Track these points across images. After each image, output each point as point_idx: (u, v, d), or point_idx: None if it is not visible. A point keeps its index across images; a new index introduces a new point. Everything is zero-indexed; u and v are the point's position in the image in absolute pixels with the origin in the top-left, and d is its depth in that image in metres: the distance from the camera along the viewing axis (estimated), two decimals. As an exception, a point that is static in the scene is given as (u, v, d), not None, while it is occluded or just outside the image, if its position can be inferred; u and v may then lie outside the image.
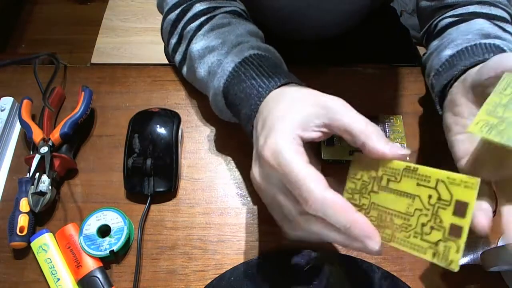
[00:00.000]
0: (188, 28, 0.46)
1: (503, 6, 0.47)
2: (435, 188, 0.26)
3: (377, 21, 0.72)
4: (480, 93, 0.35)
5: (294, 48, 0.68)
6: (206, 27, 0.45)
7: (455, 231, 0.25)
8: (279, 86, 0.36)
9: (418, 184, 0.27)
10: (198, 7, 0.46)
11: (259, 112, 0.36)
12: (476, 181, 0.25)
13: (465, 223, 0.25)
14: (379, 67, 0.57)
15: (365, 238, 0.27)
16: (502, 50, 0.40)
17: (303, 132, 0.31)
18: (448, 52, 0.43)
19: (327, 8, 0.59)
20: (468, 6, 0.47)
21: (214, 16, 0.46)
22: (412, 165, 0.28)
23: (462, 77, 0.38)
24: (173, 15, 0.48)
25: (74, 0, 1.70)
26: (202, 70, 0.44)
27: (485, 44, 0.40)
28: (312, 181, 0.28)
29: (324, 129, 0.31)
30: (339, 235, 0.29)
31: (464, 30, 0.45)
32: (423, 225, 0.27)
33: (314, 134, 0.31)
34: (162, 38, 0.54)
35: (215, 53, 0.43)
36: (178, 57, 0.49)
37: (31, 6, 1.73)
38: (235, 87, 0.39)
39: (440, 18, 0.50)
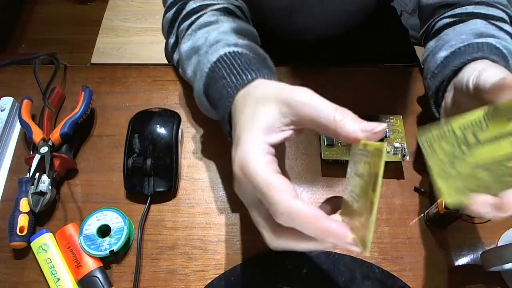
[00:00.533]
0: (182, 27, 0.46)
1: (501, 7, 0.47)
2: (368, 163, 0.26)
3: (377, 21, 0.72)
4: (474, 97, 0.35)
5: (294, 48, 0.68)
6: (193, 26, 0.45)
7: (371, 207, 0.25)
8: (246, 84, 0.35)
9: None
10: (191, 5, 0.46)
11: (232, 114, 0.35)
12: (381, 146, 0.25)
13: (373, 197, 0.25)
14: (379, 67, 0.57)
15: (344, 243, 0.26)
16: (495, 48, 0.40)
17: (270, 137, 0.29)
18: (442, 53, 0.44)
19: (327, 8, 0.59)
20: (467, 6, 0.47)
21: (204, 14, 0.45)
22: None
23: (454, 79, 0.38)
24: (170, 14, 0.48)
25: (74, 0, 1.70)
26: (189, 70, 0.44)
27: (477, 43, 0.41)
28: (278, 192, 0.26)
29: (293, 126, 0.30)
30: (317, 244, 0.28)
31: (459, 31, 0.45)
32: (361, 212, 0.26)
33: (283, 134, 0.30)
34: (165, 37, 0.54)
35: (198, 54, 0.43)
36: (176, 57, 0.49)
37: (31, 6, 1.73)
38: (211, 88, 0.39)
39: (439, 18, 0.50)
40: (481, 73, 0.32)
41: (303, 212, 0.25)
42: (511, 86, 0.28)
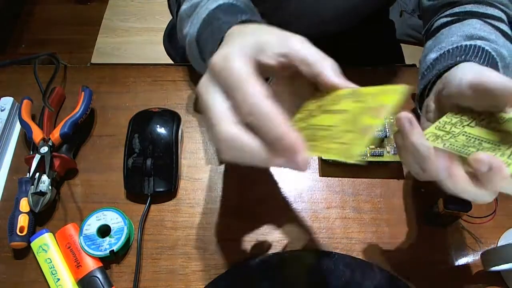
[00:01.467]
0: None
1: (501, 6, 0.47)
2: (364, 101, 0.28)
3: (373, 32, 0.72)
4: (448, 100, 0.35)
5: None
6: None
7: (366, 130, 0.25)
8: (242, 22, 0.36)
9: (354, 101, 0.28)
10: None
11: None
12: (402, 88, 0.27)
13: (377, 122, 0.26)
14: (378, 67, 0.57)
15: (292, 152, 0.25)
16: (481, 51, 0.40)
17: (260, 54, 0.29)
18: (432, 55, 0.44)
19: (323, 2, 0.59)
20: (466, 5, 0.48)
21: None
22: (357, 88, 0.29)
23: (438, 82, 0.38)
24: None
25: (74, 0, 1.70)
26: (187, 27, 0.44)
27: (466, 45, 0.41)
28: (254, 86, 0.26)
29: (282, 59, 0.30)
30: (264, 149, 0.27)
31: (453, 32, 0.45)
32: (343, 132, 0.27)
33: (271, 60, 0.30)
34: (172, 12, 0.54)
35: (197, 8, 0.43)
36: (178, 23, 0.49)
37: (31, 6, 1.73)
38: (203, 30, 0.40)
39: (438, 17, 0.50)
40: (482, 74, 0.33)
41: (272, 111, 0.26)
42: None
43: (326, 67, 0.30)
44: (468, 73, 0.33)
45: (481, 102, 0.32)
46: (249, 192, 0.48)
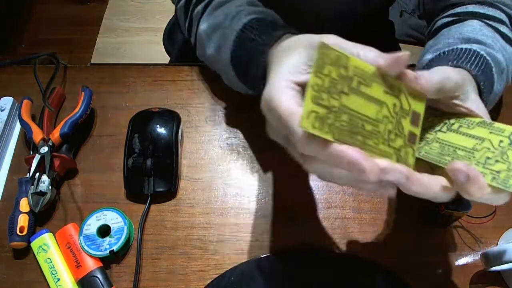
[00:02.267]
0: (195, 11, 0.48)
1: (503, 7, 0.47)
2: (399, 98, 0.28)
3: (372, 34, 0.72)
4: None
5: None
6: (209, 8, 0.46)
7: (412, 138, 0.28)
8: (276, 41, 0.37)
9: (385, 92, 0.28)
10: None
11: (267, 71, 0.36)
12: (425, 95, 0.29)
13: (418, 132, 0.29)
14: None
15: (360, 171, 0.25)
16: (476, 55, 0.40)
17: (295, 75, 0.30)
18: (428, 56, 0.44)
19: (322, 7, 0.59)
20: (467, 6, 0.48)
21: None
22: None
23: None
24: (182, 2, 0.49)
25: (74, 0, 1.70)
26: (211, 48, 0.45)
27: (461, 49, 0.40)
28: (295, 120, 0.27)
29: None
30: (343, 172, 0.27)
31: (452, 33, 0.45)
32: (389, 132, 0.28)
33: (307, 75, 0.30)
34: (180, 25, 0.54)
35: (221, 29, 0.44)
36: (192, 39, 0.50)
37: (31, 6, 1.73)
38: (239, 53, 0.41)
39: (440, 17, 0.50)
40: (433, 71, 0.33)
41: (318, 140, 0.26)
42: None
43: (364, 54, 0.29)
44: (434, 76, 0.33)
45: (444, 101, 0.32)
46: (248, 192, 0.48)
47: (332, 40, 0.30)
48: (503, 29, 0.45)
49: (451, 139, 0.31)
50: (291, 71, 0.30)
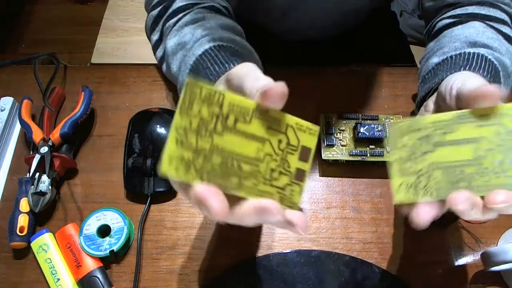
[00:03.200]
0: (167, 24, 0.46)
1: (504, 7, 0.47)
2: (285, 133, 0.26)
3: (374, 24, 0.72)
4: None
5: (294, 48, 0.68)
6: (179, 23, 0.45)
7: (299, 175, 0.26)
8: (226, 71, 0.35)
9: (268, 128, 0.25)
10: (178, 3, 0.47)
11: None
12: (317, 128, 0.27)
13: (307, 167, 0.27)
14: (378, 67, 0.57)
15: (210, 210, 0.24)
16: (485, 60, 0.40)
17: None
18: (435, 59, 0.43)
19: (323, 7, 0.59)
20: (467, 7, 0.47)
21: (191, 11, 0.46)
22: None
23: (438, 90, 0.38)
24: (155, 12, 0.48)
25: (74, 0, 1.70)
26: (174, 66, 0.44)
27: (469, 53, 0.40)
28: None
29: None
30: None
31: (456, 35, 0.44)
32: (272, 170, 0.26)
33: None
34: (146, 35, 0.53)
35: (184, 49, 0.43)
36: (159, 53, 0.49)
37: (31, 6, 1.72)
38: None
39: (440, 18, 0.50)
40: (464, 82, 0.32)
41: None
42: (485, 94, 0.27)
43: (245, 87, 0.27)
44: (456, 81, 0.33)
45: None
46: (249, 192, 0.48)
47: (242, 69, 0.29)
48: (505, 29, 0.45)
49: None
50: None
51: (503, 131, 0.26)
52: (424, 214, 0.28)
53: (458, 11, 0.48)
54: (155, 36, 0.49)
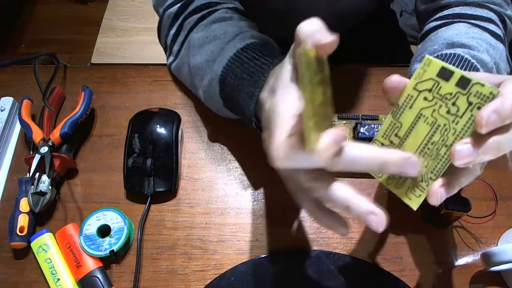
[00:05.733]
0: (189, 19, 0.47)
1: (493, 6, 0.47)
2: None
3: (375, 24, 0.72)
4: None
5: (289, 49, 0.68)
6: (208, 19, 0.46)
7: (462, 82, 0.26)
8: (277, 63, 0.36)
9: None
10: (200, 1, 0.48)
11: (264, 90, 0.35)
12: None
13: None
14: (378, 67, 0.57)
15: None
16: (460, 59, 0.40)
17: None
18: (416, 65, 0.44)
19: (322, 10, 0.59)
20: (455, 8, 0.48)
21: (216, 10, 0.47)
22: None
23: None
24: (174, 9, 0.49)
25: (74, 0, 1.70)
26: (199, 58, 0.45)
27: (445, 54, 0.41)
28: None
29: None
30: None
31: (437, 38, 0.45)
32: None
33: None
34: (158, 34, 0.53)
35: (217, 42, 0.43)
36: (176, 47, 0.49)
37: (31, 6, 1.73)
38: (236, 70, 0.39)
39: (430, 20, 0.50)
40: None
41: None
42: (389, 87, 0.29)
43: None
44: None
45: None
46: (249, 192, 0.48)
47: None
48: (491, 27, 0.45)
49: (413, 144, 0.29)
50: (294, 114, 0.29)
51: (426, 92, 0.27)
52: (441, 194, 0.29)
53: (446, 12, 0.48)
54: (172, 31, 0.49)
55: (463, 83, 0.26)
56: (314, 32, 0.27)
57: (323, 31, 0.27)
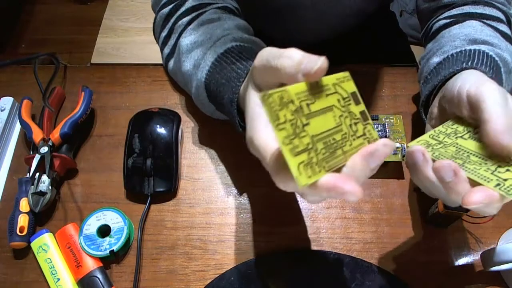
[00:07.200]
0: (180, 22, 0.47)
1: (498, 5, 0.47)
2: (336, 92, 0.28)
3: (375, 25, 0.72)
4: (448, 108, 0.35)
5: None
6: (196, 22, 0.45)
7: (364, 116, 0.29)
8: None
9: (327, 95, 0.27)
10: (191, 2, 0.47)
11: (241, 95, 0.35)
12: (347, 73, 0.29)
13: (364, 107, 0.29)
14: (378, 67, 0.57)
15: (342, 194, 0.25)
16: (486, 56, 0.39)
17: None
18: (436, 59, 0.43)
19: (320, 11, 0.59)
20: (463, 7, 0.47)
21: (205, 11, 0.46)
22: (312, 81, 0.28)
23: (443, 87, 0.38)
24: (166, 10, 0.48)
25: (74, 0, 1.70)
26: (188, 64, 0.45)
27: (470, 50, 0.40)
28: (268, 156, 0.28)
29: None
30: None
31: (454, 34, 0.45)
32: (350, 126, 0.28)
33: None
34: (154, 34, 0.54)
35: (202, 47, 0.43)
36: (166, 50, 0.49)
37: (31, 6, 1.72)
38: (216, 76, 0.40)
39: (436, 19, 0.50)
40: (479, 87, 0.32)
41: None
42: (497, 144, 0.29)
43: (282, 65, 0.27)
44: (468, 82, 0.33)
45: (474, 115, 0.32)
46: (249, 193, 0.48)
47: (265, 53, 0.29)
48: (502, 27, 0.45)
49: (468, 146, 0.31)
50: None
51: (340, 98, 0.28)
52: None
53: (454, 11, 0.48)
54: (164, 33, 0.49)
55: (364, 116, 0.29)
56: (299, 62, 0.26)
57: (309, 57, 0.26)
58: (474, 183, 0.28)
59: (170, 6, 0.48)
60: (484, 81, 0.32)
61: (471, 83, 0.33)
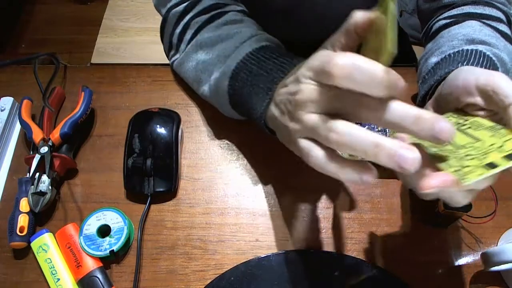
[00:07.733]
0: (197, 19, 0.47)
1: (499, 5, 0.47)
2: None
3: None
4: (445, 103, 0.35)
5: (293, 50, 0.68)
6: (219, 21, 0.46)
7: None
8: (294, 64, 0.36)
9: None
10: (208, 2, 0.48)
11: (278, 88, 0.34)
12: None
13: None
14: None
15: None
16: (483, 56, 0.40)
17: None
18: (434, 59, 0.44)
19: (322, 11, 0.59)
20: (463, 7, 0.47)
21: (225, 12, 0.47)
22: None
23: (439, 86, 0.38)
24: (180, 8, 0.49)
25: (74, 0, 1.70)
26: (211, 53, 0.45)
27: (467, 50, 0.40)
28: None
29: None
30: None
31: (453, 35, 0.45)
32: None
33: None
34: (162, 33, 0.53)
35: (231, 40, 0.44)
36: (183, 46, 0.49)
37: (31, 6, 1.73)
38: (252, 67, 0.39)
39: (436, 19, 0.50)
40: (489, 76, 0.32)
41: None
42: None
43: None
44: (474, 73, 0.33)
45: (485, 101, 0.32)
46: (249, 192, 0.48)
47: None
48: (502, 27, 0.45)
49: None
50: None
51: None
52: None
53: (454, 11, 0.48)
54: (178, 29, 0.49)
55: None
56: None
57: None
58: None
59: (184, 4, 0.49)
60: (491, 71, 0.32)
61: (478, 73, 0.33)
